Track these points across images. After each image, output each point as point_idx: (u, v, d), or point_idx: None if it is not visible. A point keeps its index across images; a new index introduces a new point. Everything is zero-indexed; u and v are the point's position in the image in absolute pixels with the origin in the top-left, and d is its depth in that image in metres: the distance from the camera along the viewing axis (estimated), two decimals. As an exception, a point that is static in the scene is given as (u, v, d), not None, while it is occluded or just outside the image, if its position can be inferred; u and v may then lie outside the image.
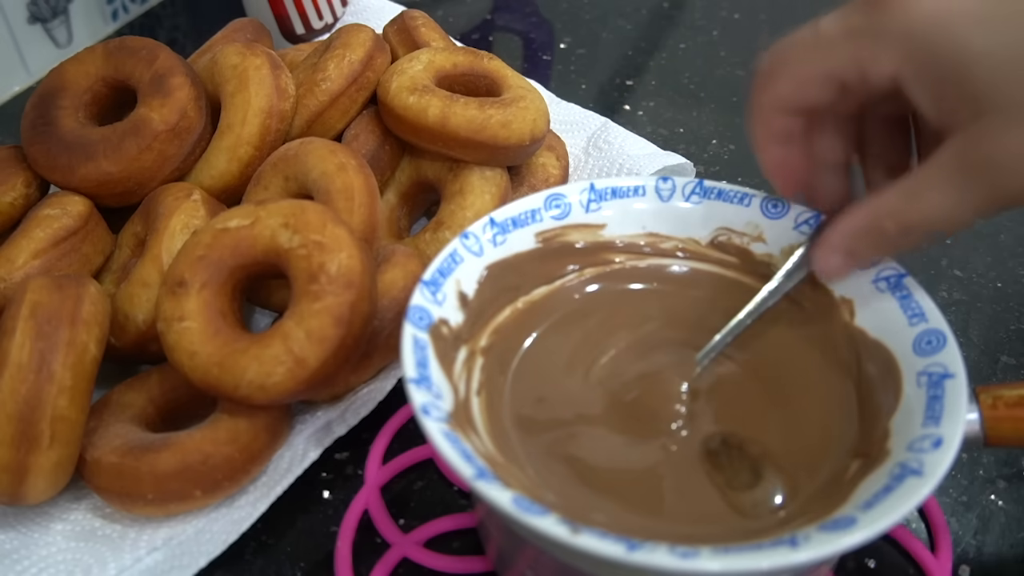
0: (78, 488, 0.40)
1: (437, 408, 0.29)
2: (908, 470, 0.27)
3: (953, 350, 0.30)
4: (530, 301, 0.37)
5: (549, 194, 0.37)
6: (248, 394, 0.37)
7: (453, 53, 0.50)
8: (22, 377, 0.35)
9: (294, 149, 0.45)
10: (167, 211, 0.43)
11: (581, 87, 0.66)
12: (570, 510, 0.28)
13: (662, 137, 0.60)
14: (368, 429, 0.42)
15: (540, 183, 0.51)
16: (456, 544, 0.38)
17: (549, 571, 0.32)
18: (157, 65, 0.47)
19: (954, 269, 0.50)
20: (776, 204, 0.37)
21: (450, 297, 0.34)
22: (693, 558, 0.25)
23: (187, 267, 0.39)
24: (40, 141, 0.46)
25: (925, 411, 0.29)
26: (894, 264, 0.34)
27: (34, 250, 0.42)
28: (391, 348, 0.41)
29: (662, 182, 0.38)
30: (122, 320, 0.42)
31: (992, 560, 0.37)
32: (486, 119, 0.46)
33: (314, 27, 0.67)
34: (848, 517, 0.26)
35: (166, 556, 0.37)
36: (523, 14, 0.75)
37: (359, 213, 0.42)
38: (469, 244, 0.35)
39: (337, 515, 0.39)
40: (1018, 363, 0.45)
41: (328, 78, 0.48)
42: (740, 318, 0.35)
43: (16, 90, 0.67)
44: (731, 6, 0.75)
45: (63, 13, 0.68)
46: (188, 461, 0.37)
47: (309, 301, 0.37)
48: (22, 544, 0.38)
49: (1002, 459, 0.41)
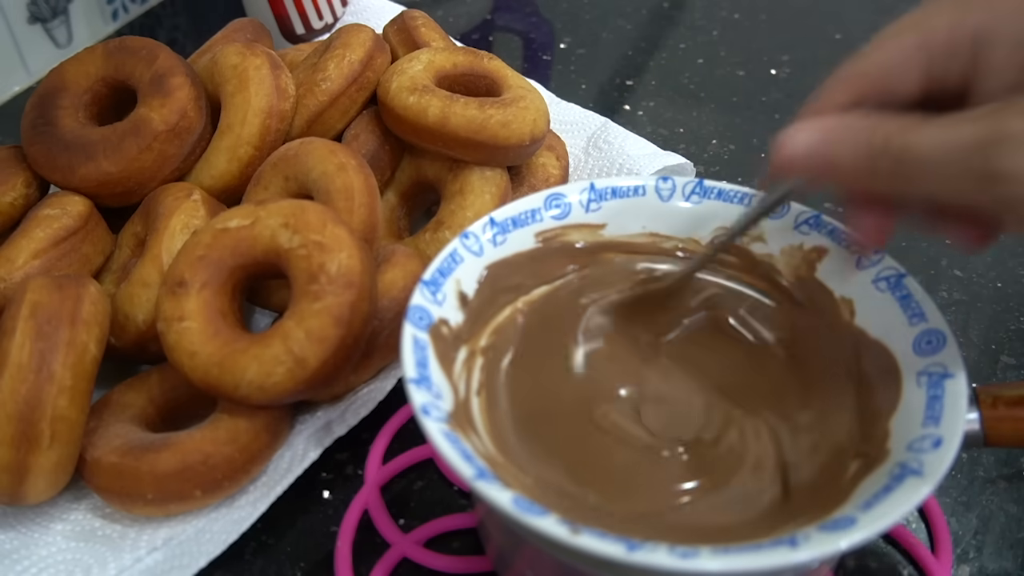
0: (78, 488, 0.40)
1: (437, 408, 0.29)
2: (908, 470, 0.27)
3: (953, 350, 0.30)
4: (530, 301, 0.37)
5: (549, 194, 0.37)
6: (248, 394, 0.37)
7: (453, 53, 0.50)
8: (22, 377, 0.35)
9: (294, 149, 0.45)
10: (167, 211, 0.43)
11: (581, 87, 0.66)
12: (571, 511, 0.28)
13: (662, 137, 0.60)
14: (368, 429, 0.42)
15: (540, 183, 0.51)
16: (456, 544, 0.38)
17: (549, 571, 0.32)
18: (157, 65, 0.47)
19: (954, 269, 0.50)
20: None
21: (450, 297, 0.34)
22: (693, 558, 0.25)
23: (187, 267, 0.39)
24: (40, 141, 0.46)
25: (925, 411, 0.29)
26: (894, 264, 0.34)
27: (34, 250, 0.42)
28: (391, 348, 0.41)
29: (662, 182, 0.38)
30: (122, 320, 0.42)
31: (992, 560, 0.37)
32: (486, 119, 0.46)
33: (314, 27, 0.67)
34: (848, 517, 0.26)
35: (166, 556, 0.37)
36: (523, 14, 0.75)
37: (359, 213, 0.42)
38: (469, 244, 0.35)
39: (337, 515, 0.39)
40: (1018, 363, 0.45)
41: (328, 78, 0.48)
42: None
43: (16, 90, 0.67)
44: (731, 6, 0.75)
45: (63, 13, 0.68)
46: (188, 461, 0.37)
47: (309, 301, 0.37)
48: (22, 544, 0.38)
49: (1002, 459, 0.41)
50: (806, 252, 0.36)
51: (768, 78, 0.66)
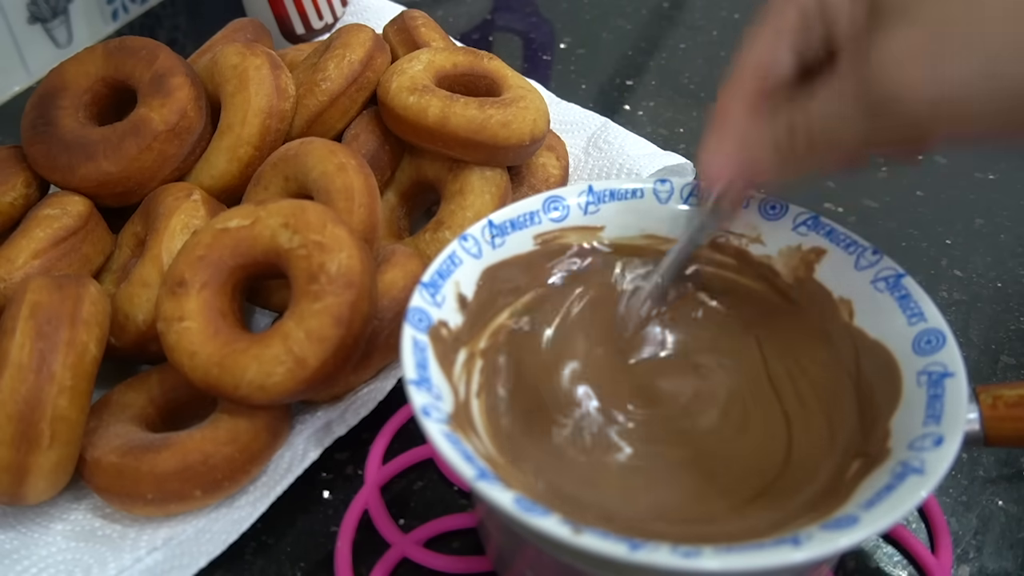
0: (78, 488, 0.40)
1: (438, 409, 0.29)
2: (909, 468, 0.27)
3: (952, 349, 0.30)
4: (529, 303, 0.37)
5: (547, 196, 0.37)
6: (248, 394, 0.37)
7: (453, 53, 0.50)
8: (22, 377, 0.35)
9: (294, 149, 0.45)
10: (167, 211, 0.43)
11: (581, 87, 0.66)
12: (572, 511, 0.28)
13: (662, 137, 0.60)
14: (368, 429, 0.42)
15: (540, 183, 0.51)
16: (456, 544, 0.38)
17: (549, 571, 0.32)
18: (157, 65, 0.47)
19: (954, 269, 0.50)
20: (774, 206, 0.37)
21: (449, 299, 0.34)
22: (695, 557, 0.25)
23: (187, 267, 0.39)
24: (40, 141, 0.46)
25: (925, 410, 0.29)
26: (892, 264, 0.34)
27: (34, 250, 0.42)
28: (391, 348, 0.41)
29: (660, 184, 0.38)
30: (122, 320, 0.42)
31: (992, 560, 0.37)
32: (486, 119, 0.46)
33: (314, 27, 0.67)
34: (850, 516, 0.26)
35: (166, 556, 0.37)
36: (523, 14, 0.75)
37: (359, 213, 0.42)
38: (468, 246, 0.35)
39: (337, 515, 0.39)
40: (1018, 363, 0.45)
41: (328, 78, 0.48)
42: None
43: (16, 90, 0.67)
44: (731, 6, 0.75)
45: (63, 13, 0.68)
46: (188, 461, 0.37)
47: (309, 301, 0.37)
48: (22, 544, 0.38)
49: (1002, 459, 0.41)
50: (804, 253, 0.36)
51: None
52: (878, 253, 0.34)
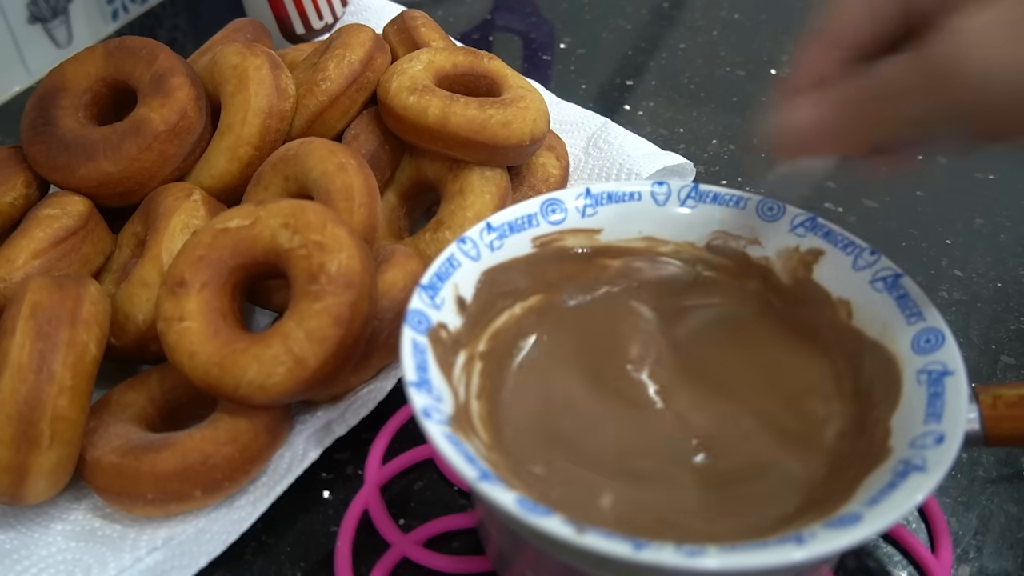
0: (78, 488, 0.40)
1: (438, 411, 0.29)
2: (911, 466, 0.27)
3: (952, 348, 0.30)
4: (527, 306, 0.37)
5: (545, 199, 0.37)
6: (248, 394, 0.37)
7: (453, 53, 0.50)
8: (22, 377, 0.35)
9: (294, 149, 0.45)
10: (167, 211, 0.43)
11: (581, 87, 0.66)
12: (573, 512, 0.28)
13: (662, 137, 0.60)
14: (368, 429, 0.42)
15: (540, 183, 0.51)
16: (456, 544, 0.38)
17: (549, 571, 0.32)
18: (157, 65, 0.47)
19: (954, 269, 0.50)
20: (772, 207, 0.37)
21: (448, 301, 0.34)
22: (699, 556, 0.25)
23: (187, 267, 0.39)
24: (40, 141, 0.46)
25: (926, 408, 0.29)
26: (890, 264, 0.34)
27: (34, 250, 0.42)
28: (391, 348, 0.41)
29: (658, 186, 0.38)
30: (122, 320, 0.42)
31: (992, 560, 0.37)
32: (486, 119, 0.46)
33: (314, 27, 0.67)
34: (853, 514, 0.26)
35: (166, 556, 0.37)
36: (523, 14, 0.75)
37: (359, 213, 0.42)
38: (466, 249, 0.35)
39: (337, 515, 0.39)
40: (1018, 363, 0.45)
41: (328, 78, 0.48)
42: None
43: (16, 90, 0.67)
44: (731, 6, 0.75)
45: (63, 13, 0.68)
46: (188, 461, 0.37)
47: (309, 301, 0.37)
48: (22, 544, 0.38)
49: (1002, 459, 0.41)
50: (802, 254, 0.36)
51: (768, 78, 0.66)
52: (876, 253, 0.34)
